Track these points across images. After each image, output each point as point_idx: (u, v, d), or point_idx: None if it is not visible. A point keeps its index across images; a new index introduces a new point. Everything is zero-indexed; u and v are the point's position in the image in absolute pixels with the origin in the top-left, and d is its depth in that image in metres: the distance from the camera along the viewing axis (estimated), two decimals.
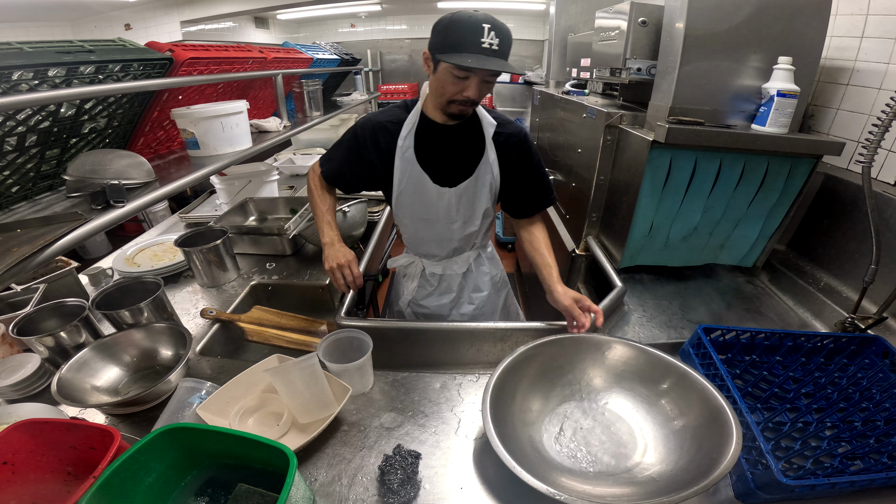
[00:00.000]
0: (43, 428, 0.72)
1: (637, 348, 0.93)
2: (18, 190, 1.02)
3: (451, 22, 0.92)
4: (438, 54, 0.94)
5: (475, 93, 0.98)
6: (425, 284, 1.33)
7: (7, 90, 0.87)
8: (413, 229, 1.25)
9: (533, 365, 0.91)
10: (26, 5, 3.73)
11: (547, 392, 0.93)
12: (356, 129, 1.13)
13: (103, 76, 1.08)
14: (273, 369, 0.83)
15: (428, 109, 1.10)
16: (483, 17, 0.91)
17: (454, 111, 1.03)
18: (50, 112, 0.99)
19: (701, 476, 0.67)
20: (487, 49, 0.90)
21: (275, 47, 2.26)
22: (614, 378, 0.94)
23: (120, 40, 1.14)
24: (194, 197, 2.44)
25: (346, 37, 5.36)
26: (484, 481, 0.77)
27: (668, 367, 0.88)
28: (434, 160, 1.12)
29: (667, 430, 0.83)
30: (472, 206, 1.19)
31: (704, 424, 0.78)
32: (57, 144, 1.08)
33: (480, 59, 0.90)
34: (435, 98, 1.04)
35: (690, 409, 0.82)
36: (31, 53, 0.88)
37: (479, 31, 0.89)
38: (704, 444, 0.75)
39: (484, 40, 0.89)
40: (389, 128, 1.10)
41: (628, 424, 0.87)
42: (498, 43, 0.91)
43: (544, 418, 0.89)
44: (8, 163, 0.95)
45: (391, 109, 1.14)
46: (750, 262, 1.42)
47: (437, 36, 0.95)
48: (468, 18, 0.90)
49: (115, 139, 1.30)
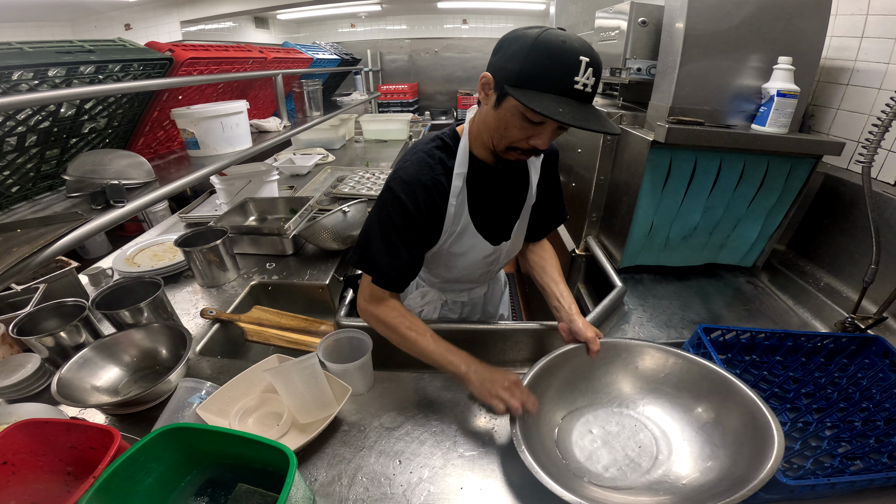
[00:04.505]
0: (43, 428, 0.72)
1: (673, 354, 0.89)
2: (18, 190, 1.02)
3: (535, 47, 0.68)
4: (511, 88, 0.71)
5: (545, 142, 0.77)
6: (448, 313, 1.22)
7: (7, 90, 0.87)
8: (444, 277, 1.10)
9: (561, 371, 0.90)
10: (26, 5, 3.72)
11: (574, 398, 0.90)
12: (404, 202, 0.83)
13: (103, 76, 1.07)
14: (273, 369, 0.83)
15: (476, 149, 0.88)
16: (580, 46, 0.68)
17: (511, 158, 0.83)
18: (50, 112, 0.98)
19: (736, 485, 0.63)
20: (580, 91, 0.69)
21: (275, 47, 2.26)
22: (646, 385, 0.90)
23: (120, 40, 1.13)
24: (194, 197, 2.44)
25: (346, 37, 5.35)
26: (485, 481, 0.77)
27: (706, 372, 0.84)
28: (485, 211, 0.95)
29: (702, 438, 0.80)
30: (518, 244, 1.07)
31: (743, 433, 0.74)
32: (57, 144, 1.07)
33: (573, 108, 0.68)
34: (490, 138, 0.82)
35: (729, 416, 0.78)
36: (31, 53, 0.88)
37: (573, 67, 0.67)
38: (741, 453, 0.71)
39: (578, 79, 0.68)
40: (442, 181, 0.86)
41: (661, 432, 0.84)
42: (593, 83, 0.70)
43: (572, 425, 0.87)
44: (8, 163, 0.95)
45: (431, 153, 0.87)
46: (750, 262, 1.42)
47: (511, 61, 0.71)
48: (561, 46, 0.67)
49: (116, 139, 1.30)
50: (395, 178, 0.85)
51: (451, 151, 0.88)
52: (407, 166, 0.86)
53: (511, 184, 0.97)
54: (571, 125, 0.68)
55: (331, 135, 3.29)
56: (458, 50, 5.34)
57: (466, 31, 5.31)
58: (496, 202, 0.96)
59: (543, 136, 0.76)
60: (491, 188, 0.93)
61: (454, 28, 5.31)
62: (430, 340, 0.89)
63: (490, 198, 0.94)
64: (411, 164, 0.86)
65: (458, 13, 5.21)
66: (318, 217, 1.57)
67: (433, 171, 0.86)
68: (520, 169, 0.97)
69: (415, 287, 1.23)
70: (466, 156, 0.87)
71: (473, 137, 0.88)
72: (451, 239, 0.95)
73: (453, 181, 0.87)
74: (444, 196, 0.87)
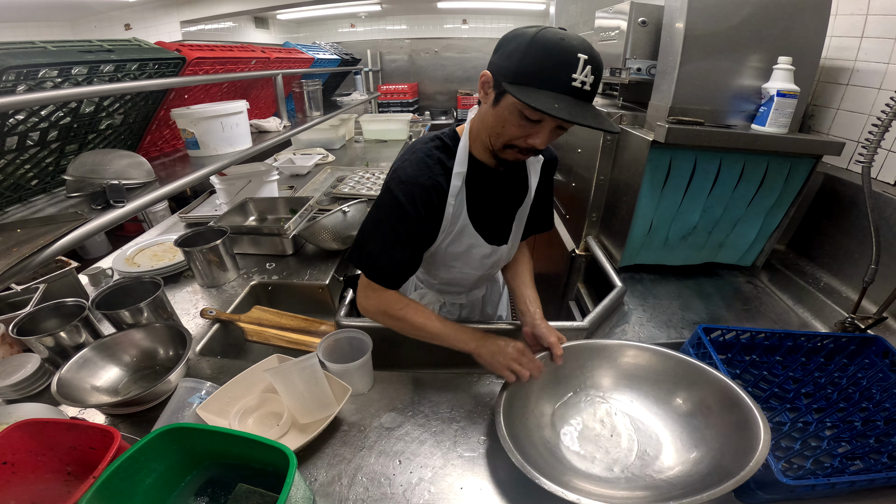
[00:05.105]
0: (43, 428, 0.72)
1: (649, 350, 0.91)
2: (38, 184, 1.05)
3: (533, 44, 0.68)
4: (508, 85, 0.70)
5: (544, 141, 0.76)
6: (446, 315, 1.21)
7: (33, 87, 0.90)
8: (442, 278, 1.09)
9: (546, 370, 0.90)
10: (26, 5, 3.72)
11: (559, 396, 0.92)
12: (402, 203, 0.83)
13: (121, 74, 1.11)
14: (273, 369, 0.83)
15: (476, 149, 0.88)
16: (578, 43, 0.68)
17: (509, 157, 0.82)
18: (71, 109, 1.02)
19: (724, 476, 0.64)
20: (578, 89, 0.68)
21: (276, 47, 2.26)
22: (627, 381, 0.92)
23: (135, 40, 1.16)
24: (194, 197, 2.44)
25: (346, 37, 5.36)
26: (484, 481, 0.77)
27: (683, 365, 0.87)
28: (484, 212, 0.94)
29: (683, 430, 0.82)
30: (515, 246, 1.07)
31: (726, 423, 0.75)
32: (76, 140, 1.12)
33: (570, 105, 0.68)
34: (489, 136, 0.82)
35: (710, 407, 0.80)
36: (55, 52, 0.91)
37: (571, 65, 0.67)
38: (727, 444, 0.73)
39: (576, 77, 0.67)
40: (441, 182, 0.86)
41: (647, 426, 0.86)
42: (592, 81, 0.69)
43: (557, 422, 0.88)
44: (30, 156, 0.99)
45: (430, 153, 0.87)
46: (749, 262, 1.42)
47: (509, 59, 0.71)
48: (559, 43, 0.67)
49: (130, 135, 1.34)
50: (394, 178, 0.85)
51: (450, 152, 0.88)
52: (406, 166, 0.85)
53: (510, 185, 0.97)
54: (567, 120, 0.67)
55: (331, 135, 3.29)
56: (458, 50, 5.34)
57: (466, 31, 5.31)
58: (495, 203, 0.96)
59: (542, 135, 0.75)
60: (490, 189, 0.93)
61: (454, 28, 5.31)
62: (436, 322, 0.92)
63: (489, 198, 0.94)
64: (410, 165, 0.85)
65: (458, 13, 5.21)
66: (318, 217, 1.57)
67: (432, 171, 0.85)
68: (519, 171, 0.97)
69: (413, 289, 1.23)
70: (466, 156, 0.87)
71: (473, 137, 0.88)
72: (448, 238, 0.94)
73: (452, 181, 0.87)
74: (442, 197, 0.87)
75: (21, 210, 0.96)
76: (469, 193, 0.90)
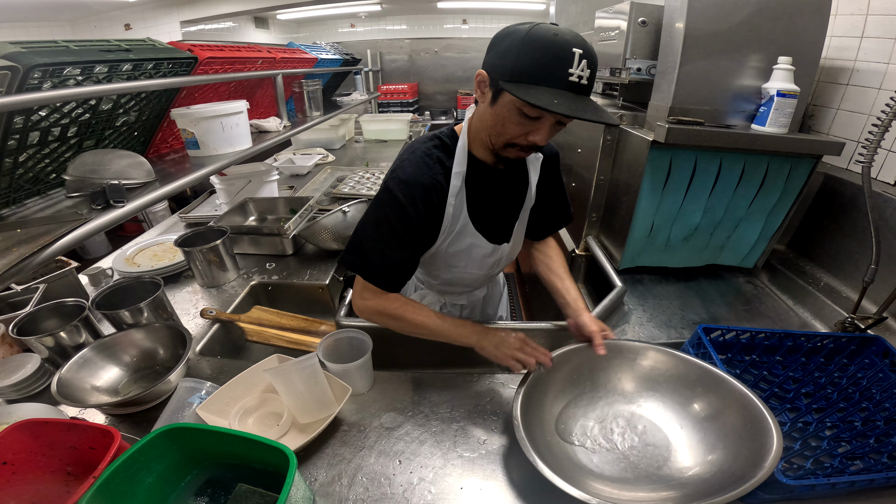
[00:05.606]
0: (43, 428, 0.72)
1: (668, 353, 0.90)
2: (56, 178, 1.09)
3: (527, 41, 0.68)
4: (505, 83, 0.71)
5: (544, 138, 0.76)
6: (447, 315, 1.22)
7: (57, 84, 0.92)
8: (443, 278, 1.08)
9: (563, 369, 0.90)
10: (26, 5, 3.72)
11: (577, 396, 0.91)
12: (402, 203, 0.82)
13: (139, 73, 1.14)
14: (273, 369, 0.83)
15: (476, 148, 0.88)
16: (572, 38, 0.68)
17: (510, 155, 0.82)
18: (91, 106, 1.06)
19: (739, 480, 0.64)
20: (575, 84, 0.69)
21: (281, 48, 2.28)
22: (647, 383, 0.91)
23: (149, 40, 1.20)
24: (194, 197, 2.44)
25: (346, 37, 5.35)
26: (485, 482, 0.77)
27: (702, 371, 0.85)
28: (484, 211, 0.94)
29: (700, 434, 0.81)
30: (518, 246, 1.07)
31: (741, 427, 0.75)
32: (93, 136, 1.16)
33: (569, 100, 0.68)
34: (488, 136, 0.82)
35: (725, 412, 0.80)
36: (77, 51, 0.93)
37: (567, 60, 0.67)
38: (742, 448, 0.72)
39: (573, 71, 0.67)
40: (441, 181, 0.85)
41: (661, 429, 0.85)
42: (588, 76, 0.69)
43: (574, 422, 0.87)
44: (50, 151, 1.03)
45: (429, 152, 0.86)
46: (751, 263, 1.42)
47: (504, 57, 0.71)
48: (552, 39, 0.67)
49: (143, 132, 1.38)
50: (393, 177, 0.84)
51: (449, 151, 0.88)
52: (405, 166, 0.84)
53: (510, 184, 0.96)
54: (567, 115, 0.67)
55: (331, 135, 3.29)
56: (458, 50, 5.34)
57: (466, 31, 5.31)
58: (495, 202, 0.95)
59: (542, 131, 0.75)
60: (490, 188, 0.93)
61: (454, 28, 5.31)
62: (436, 318, 0.92)
63: (489, 197, 0.93)
64: (409, 164, 0.85)
65: (458, 13, 5.21)
66: (317, 217, 1.57)
67: (431, 171, 0.85)
68: (519, 169, 0.97)
69: (413, 289, 1.23)
70: (465, 155, 0.87)
71: (472, 137, 0.88)
72: (449, 238, 0.94)
73: (452, 181, 0.86)
74: (442, 196, 0.86)
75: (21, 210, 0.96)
76: (469, 193, 0.90)
